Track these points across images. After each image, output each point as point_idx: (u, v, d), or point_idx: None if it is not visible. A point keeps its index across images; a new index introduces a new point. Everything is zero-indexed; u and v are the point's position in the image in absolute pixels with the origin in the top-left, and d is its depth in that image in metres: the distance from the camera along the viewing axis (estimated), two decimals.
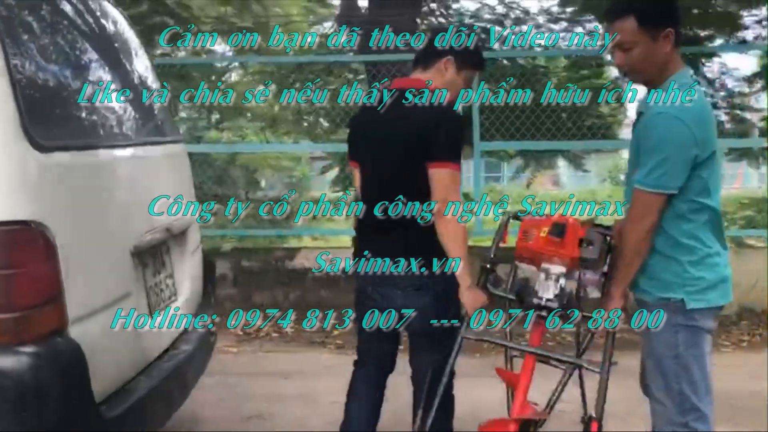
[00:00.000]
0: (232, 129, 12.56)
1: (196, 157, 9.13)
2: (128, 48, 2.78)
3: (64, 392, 1.82)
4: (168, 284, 2.62)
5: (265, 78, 9.74)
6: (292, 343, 4.99)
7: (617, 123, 10.78)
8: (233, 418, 3.52)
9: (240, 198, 12.62)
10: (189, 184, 3.06)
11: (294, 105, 9.05)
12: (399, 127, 2.33)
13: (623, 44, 2.15)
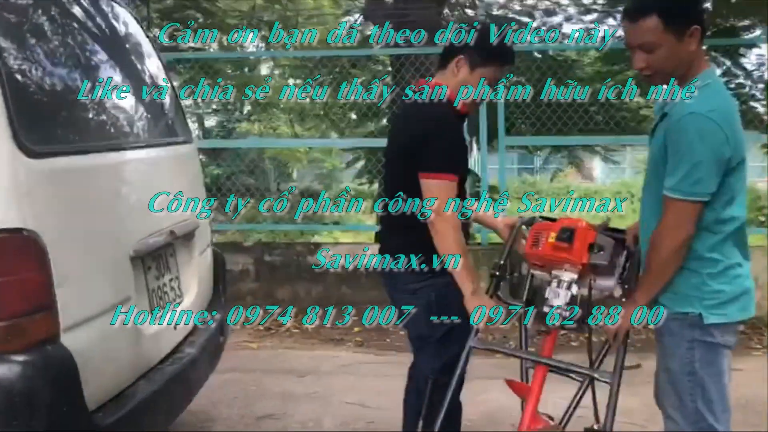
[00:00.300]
0: (263, 121, 12.65)
1: (228, 151, 9.25)
2: (133, 47, 2.76)
3: (55, 400, 1.81)
4: (173, 287, 2.60)
5: (293, 72, 9.77)
6: (312, 339, 4.98)
7: (649, 117, 10.54)
8: (246, 417, 3.51)
9: (271, 191, 12.72)
10: (198, 184, 3.05)
11: (321, 98, 9.05)
12: (401, 132, 2.37)
13: (646, 45, 1.98)
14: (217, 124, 13.42)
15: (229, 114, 12.72)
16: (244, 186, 10.78)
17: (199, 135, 13.63)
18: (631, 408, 3.59)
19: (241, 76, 10.29)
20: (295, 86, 9.68)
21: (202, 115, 13.08)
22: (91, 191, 2.08)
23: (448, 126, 2.27)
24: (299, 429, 3.38)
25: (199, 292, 2.82)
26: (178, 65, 9.36)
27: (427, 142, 2.21)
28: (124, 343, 2.18)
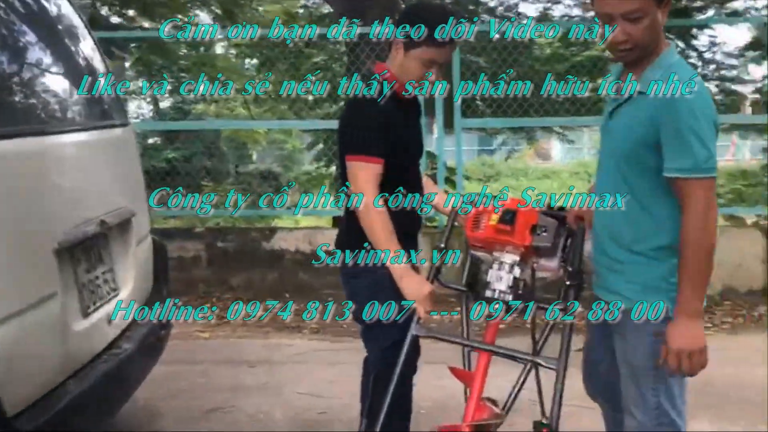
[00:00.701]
0: (219, 102, 12.39)
1: (184, 133, 9.04)
2: (65, 28, 2.59)
3: None
4: (107, 279, 2.47)
5: (248, 52, 9.56)
6: (266, 327, 4.87)
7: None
8: (193, 410, 3.40)
9: (230, 173, 12.48)
10: (135, 169, 2.90)
11: (277, 79, 8.86)
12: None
13: (632, 13, 1.77)
14: (173, 106, 13.11)
15: (185, 95, 12.42)
16: (203, 169, 10.57)
17: (154, 116, 13.31)
18: (581, 390, 3.58)
19: (196, 56, 10.03)
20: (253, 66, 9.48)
21: (156, 96, 12.76)
22: (8, 180, 1.94)
23: (366, 108, 2.21)
24: (248, 422, 3.29)
25: (137, 285, 2.69)
26: (129, 45, 9.10)
27: (347, 125, 2.23)
28: (50, 341, 2.06)
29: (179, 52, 10.07)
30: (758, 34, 7.36)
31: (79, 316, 2.24)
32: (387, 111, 2.21)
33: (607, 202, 1.95)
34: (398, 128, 2.25)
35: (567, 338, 2.07)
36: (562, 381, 2.03)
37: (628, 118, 1.88)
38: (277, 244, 5.55)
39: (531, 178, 13.59)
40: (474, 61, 6.94)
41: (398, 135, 2.23)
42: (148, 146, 11.32)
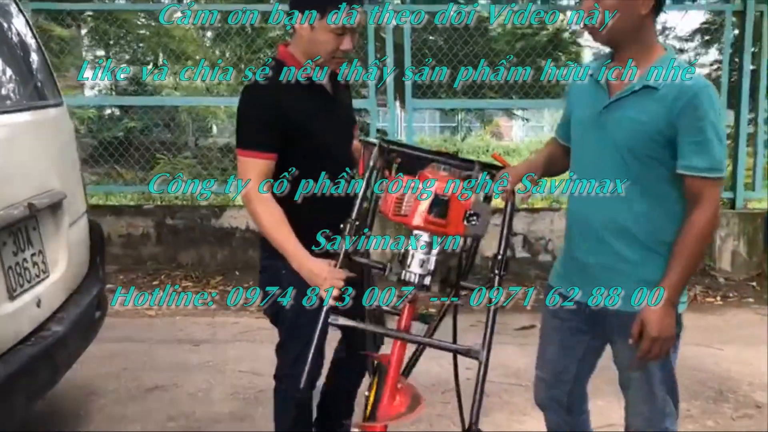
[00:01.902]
0: (177, 74, 12.18)
1: (143, 107, 8.87)
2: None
3: None
4: (36, 262, 2.46)
5: (202, 26, 9.40)
6: (214, 305, 4.89)
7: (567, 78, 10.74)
8: (133, 389, 3.42)
9: (189, 146, 12.31)
10: (69, 149, 2.88)
11: (232, 52, 8.75)
12: None
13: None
14: (129, 78, 12.85)
15: (139, 67, 12.17)
16: (160, 141, 10.41)
17: (112, 88, 13.04)
18: (519, 368, 3.70)
19: (153, 27, 9.84)
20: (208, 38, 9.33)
21: (113, 68, 12.49)
22: None
23: (257, 98, 2.07)
24: (187, 400, 3.32)
25: (69, 267, 2.68)
26: (81, 14, 8.87)
27: (238, 116, 2.07)
28: None
29: (135, 21, 9.87)
30: (710, 18, 7.51)
31: (5, 299, 2.24)
32: (283, 98, 2.06)
33: (609, 193, 1.90)
34: (302, 113, 2.08)
35: (490, 328, 1.94)
36: (484, 372, 1.92)
37: (636, 111, 1.83)
38: (227, 222, 5.55)
39: (490, 157, 13.67)
40: (430, 41, 6.96)
41: (301, 121, 2.08)
42: (105, 116, 11.12)
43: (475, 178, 1.95)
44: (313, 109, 2.12)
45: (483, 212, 1.91)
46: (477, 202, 1.89)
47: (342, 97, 2.27)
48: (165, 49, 9.78)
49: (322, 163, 2.14)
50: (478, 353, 1.93)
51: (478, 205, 1.89)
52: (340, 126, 2.24)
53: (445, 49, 6.45)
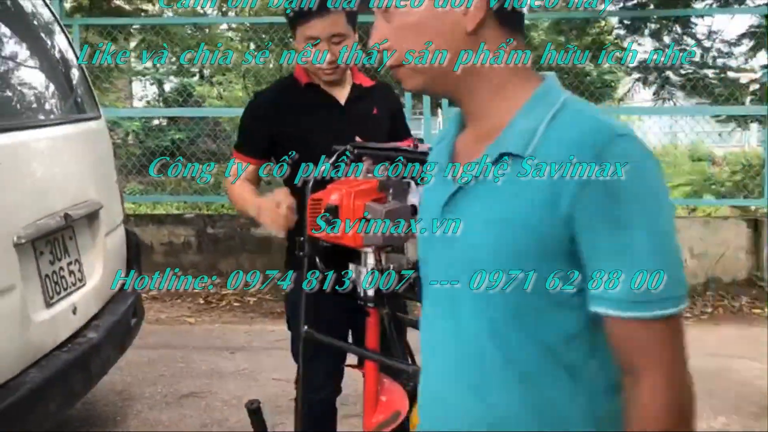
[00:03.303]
0: (222, 84, 12.43)
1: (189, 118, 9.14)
2: (27, 22, 2.64)
3: None
4: (72, 270, 2.54)
5: (247, 37, 9.59)
6: (252, 313, 4.96)
7: (611, 84, 10.58)
8: (169, 395, 3.49)
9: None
10: (107, 161, 2.96)
11: (275, 63, 8.88)
12: None
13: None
14: (176, 89, 13.17)
15: (188, 77, 12.46)
16: (205, 151, 10.64)
17: (158, 99, 13.39)
18: None
19: (196, 38, 10.07)
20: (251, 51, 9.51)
21: (161, 79, 12.82)
22: None
23: (251, 104, 2.25)
24: (221, 407, 3.37)
25: (105, 275, 2.76)
26: (129, 27, 9.14)
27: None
28: (8, 332, 2.13)
29: (181, 34, 10.11)
30: (757, 22, 7.30)
31: (42, 306, 2.32)
32: (277, 109, 2.11)
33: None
34: (298, 124, 2.10)
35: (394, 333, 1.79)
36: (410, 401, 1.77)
37: (491, 206, 0.97)
38: (265, 231, 5.60)
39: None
40: None
41: (295, 131, 2.09)
42: (153, 127, 11.43)
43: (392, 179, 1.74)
44: (313, 121, 2.11)
45: (375, 213, 1.66)
46: (372, 206, 1.66)
47: (361, 110, 2.18)
48: (210, 60, 9.98)
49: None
50: (412, 377, 1.70)
51: (372, 209, 1.65)
52: (349, 138, 2.15)
53: None
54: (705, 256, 5.11)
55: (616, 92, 10.61)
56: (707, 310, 4.78)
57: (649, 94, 7.89)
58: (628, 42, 7.77)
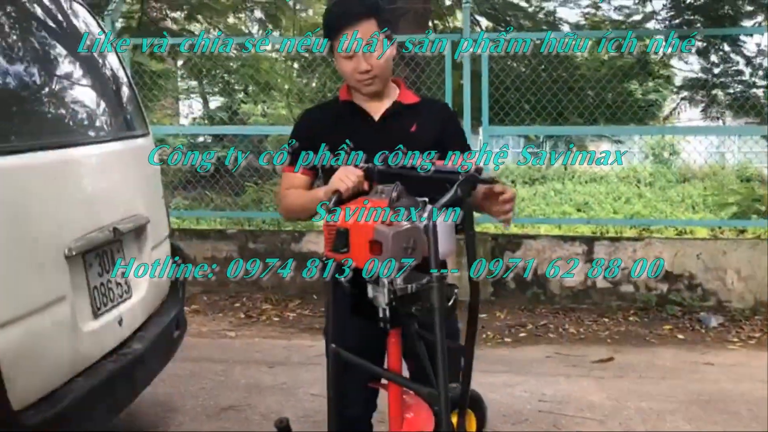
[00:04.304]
0: (267, 102, 12.65)
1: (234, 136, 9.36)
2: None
3: None
4: (119, 283, 2.61)
5: (289, 56, 9.76)
6: (292, 329, 5.00)
7: (656, 103, 10.42)
8: (209, 408, 3.54)
9: (277, 173, 12.72)
10: (153, 178, 3.05)
11: (318, 82, 9.01)
12: None
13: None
14: (221, 106, 13.44)
15: (232, 95, 12.71)
16: (249, 168, 10.83)
17: (204, 117, 13.70)
18: (593, 402, 3.59)
19: (240, 59, 10.28)
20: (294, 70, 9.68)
21: (206, 96, 13.11)
22: (22, 190, 2.09)
23: (298, 119, 2.33)
24: (259, 421, 3.41)
25: (151, 288, 2.83)
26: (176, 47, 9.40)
27: None
28: (58, 341, 2.20)
29: (226, 54, 10.33)
30: None
31: (90, 317, 2.39)
32: (319, 124, 2.20)
33: None
34: (334, 137, 2.13)
35: (442, 366, 1.67)
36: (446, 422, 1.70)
37: None
38: (306, 247, 5.68)
39: (577, 182, 13.36)
40: (512, 68, 6.93)
41: (332, 143, 2.12)
42: (199, 144, 11.69)
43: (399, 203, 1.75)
44: (346, 138, 2.12)
45: (384, 238, 1.67)
46: (379, 230, 1.67)
47: (396, 126, 2.16)
48: (254, 79, 10.17)
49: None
50: (436, 400, 1.70)
51: (379, 233, 1.66)
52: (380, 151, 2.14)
53: (524, 76, 6.42)
54: (753, 278, 4.99)
55: (661, 111, 10.46)
56: (755, 335, 4.66)
57: (696, 114, 7.76)
58: (674, 60, 7.69)
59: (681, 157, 13.35)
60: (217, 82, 11.42)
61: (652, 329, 4.81)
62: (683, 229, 7.90)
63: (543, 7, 7.65)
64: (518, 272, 5.39)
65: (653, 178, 13.65)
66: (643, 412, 3.47)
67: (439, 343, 1.66)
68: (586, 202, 11.67)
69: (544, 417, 3.43)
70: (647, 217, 9.42)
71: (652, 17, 7.08)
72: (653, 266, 5.14)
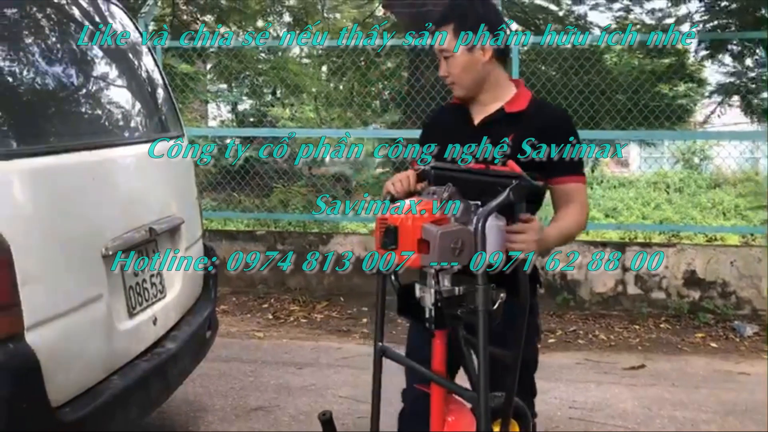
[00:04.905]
0: (295, 105, 12.74)
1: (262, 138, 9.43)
2: (120, 44, 2.78)
3: (16, 396, 1.87)
4: (154, 283, 2.64)
5: (321, 59, 9.81)
6: (319, 330, 5.01)
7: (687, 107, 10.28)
8: (238, 408, 3.56)
9: (304, 174, 12.80)
10: (187, 179, 3.07)
11: (346, 86, 9.03)
12: None
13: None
14: (250, 109, 13.55)
15: (261, 98, 12.81)
16: (276, 170, 10.91)
17: (233, 119, 13.83)
18: (625, 409, 3.54)
19: (271, 61, 10.35)
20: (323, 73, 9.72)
21: (235, 100, 13.24)
22: (61, 191, 2.12)
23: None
24: (288, 422, 3.41)
25: (184, 288, 2.85)
26: (204, 51, 9.50)
27: None
28: (95, 339, 2.23)
29: (255, 57, 10.42)
30: None
31: (125, 316, 2.42)
32: (434, 118, 2.36)
33: None
34: (444, 133, 2.17)
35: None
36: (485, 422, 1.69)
37: None
38: (333, 249, 5.69)
39: (605, 187, 13.23)
40: (542, 71, 6.89)
41: (439, 140, 2.14)
42: (227, 146, 11.81)
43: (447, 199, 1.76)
44: (447, 140, 2.13)
45: (431, 236, 1.67)
46: (428, 229, 1.67)
47: (492, 133, 2.09)
48: (283, 82, 10.24)
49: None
50: (472, 398, 1.73)
51: (427, 231, 1.67)
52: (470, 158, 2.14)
53: (555, 79, 6.37)
54: None
55: (693, 116, 10.32)
56: None
57: (729, 118, 7.64)
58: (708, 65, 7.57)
59: (713, 162, 13.15)
60: (246, 84, 11.53)
61: (684, 337, 4.74)
62: (713, 236, 7.78)
63: (573, 10, 7.58)
64: (547, 277, 5.34)
65: (683, 183, 13.46)
66: (676, 421, 3.42)
67: (482, 346, 1.65)
68: (615, 207, 11.54)
69: (575, 424, 3.40)
70: (677, 223, 9.29)
71: (685, 20, 6.98)
72: (653, 259, 5.14)
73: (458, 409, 1.94)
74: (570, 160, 2.09)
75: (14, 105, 2.09)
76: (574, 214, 2.09)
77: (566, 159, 2.08)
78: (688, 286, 5.14)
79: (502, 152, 2.03)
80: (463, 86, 2.13)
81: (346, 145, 10.95)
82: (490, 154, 2.05)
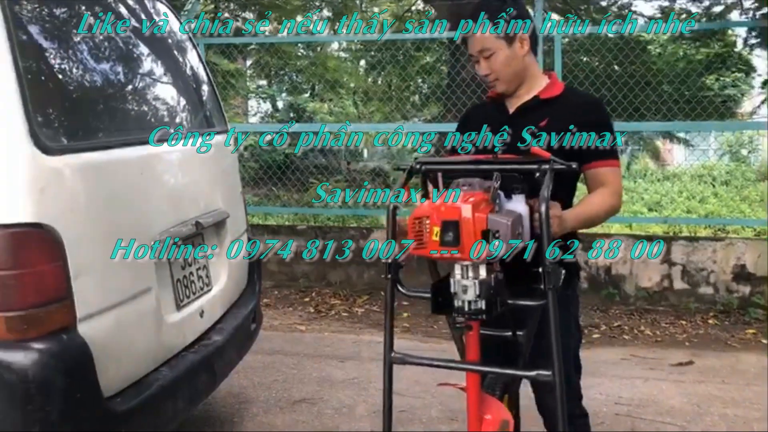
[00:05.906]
0: (333, 100, 12.80)
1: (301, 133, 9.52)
2: (165, 41, 2.82)
3: (69, 386, 1.91)
4: (201, 276, 2.67)
5: (360, 54, 9.83)
6: (360, 324, 5.03)
7: (735, 97, 10.01)
8: (282, 400, 3.59)
9: (342, 169, 12.86)
10: (232, 173, 3.10)
11: (385, 80, 9.04)
12: None
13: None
14: (288, 105, 13.65)
15: (299, 93, 12.89)
16: (316, 165, 10.99)
17: (272, 114, 13.96)
18: (673, 406, 3.47)
19: (310, 57, 10.42)
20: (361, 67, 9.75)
21: (275, 95, 13.35)
22: (111, 185, 2.16)
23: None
24: (332, 414, 3.43)
25: (229, 281, 2.88)
26: (246, 48, 9.59)
27: None
28: (144, 331, 2.26)
29: (294, 53, 10.49)
30: None
31: (173, 309, 2.45)
32: (471, 111, 2.40)
33: None
34: (472, 126, 2.24)
35: (555, 346, 1.75)
36: (562, 396, 1.75)
37: None
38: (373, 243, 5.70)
39: (649, 181, 12.96)
40: (584, 62, 6.79)
41: (475, 132, 2.20)
42: (267, 142, 11.94)
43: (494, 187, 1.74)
44: (484, 124, 2.21)
45: (502, 226, 1.69)
46: (494, 218, 1.67)
47: (526, 120, 2.14)
48: (322, 78, 10.29)
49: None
50: (549, 376, 1.76)
51: (495, 222, 1.67)
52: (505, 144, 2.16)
53: (599, 71, 6.26)
54: None
55: (740, 106, 10.06)
56: None
57: None
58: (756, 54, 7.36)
59: (761, 154, 12.77)
60: (285, 80, 11.62)
61: (733, 333, 4.62)
62: (762, 230, 7.56)
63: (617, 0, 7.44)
64: (591, 272, 5.26)
65: (730, 176, 13.11)
66: (728, 418, 3.33)
67: (553, 327, 1.72)
68: (658, 201, 11.31)
69: (622, 420, 3.34)
70: (724, 216, 9.05)
71: (734, 8, 6.78)
72: (653, 248, 5.09)
73: (494, 406, 1.95)
74: (602, 145, 2.11)
75: (66, 102, 2.14)
76: (599, 197, 2.12)
77: (599, 144, 2.10)
78: (738, 281, 5.01)
79: (502, 140, 2.12)
80: (506, 80, 2.17)
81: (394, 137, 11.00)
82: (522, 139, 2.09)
